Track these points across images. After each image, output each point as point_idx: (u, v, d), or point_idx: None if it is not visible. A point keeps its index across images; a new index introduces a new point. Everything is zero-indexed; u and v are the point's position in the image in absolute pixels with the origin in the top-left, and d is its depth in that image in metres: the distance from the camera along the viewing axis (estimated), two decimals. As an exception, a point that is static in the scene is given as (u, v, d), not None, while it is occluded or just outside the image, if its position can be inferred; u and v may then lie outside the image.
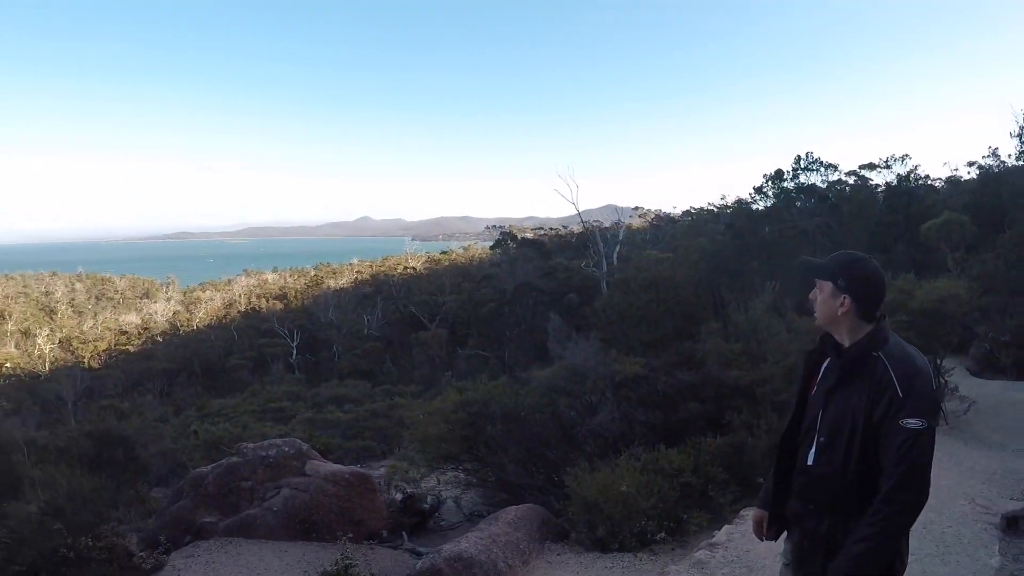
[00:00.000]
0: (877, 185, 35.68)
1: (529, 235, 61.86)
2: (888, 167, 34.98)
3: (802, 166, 34.09)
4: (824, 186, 34.15)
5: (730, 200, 45.23)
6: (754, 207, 35.71)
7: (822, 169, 34.22)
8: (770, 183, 34.70)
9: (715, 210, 47.05)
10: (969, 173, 38.32)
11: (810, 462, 3.16)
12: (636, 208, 63.80)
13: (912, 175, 34.34)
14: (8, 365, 53.51)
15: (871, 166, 36.05)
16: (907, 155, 34.19)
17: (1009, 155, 33.08)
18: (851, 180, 36.23)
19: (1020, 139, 30.24)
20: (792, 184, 34.09)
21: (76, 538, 10.50)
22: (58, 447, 17.21)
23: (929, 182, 37.31)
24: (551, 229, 68.01)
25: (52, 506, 11.64)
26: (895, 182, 33.92)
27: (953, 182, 39.60)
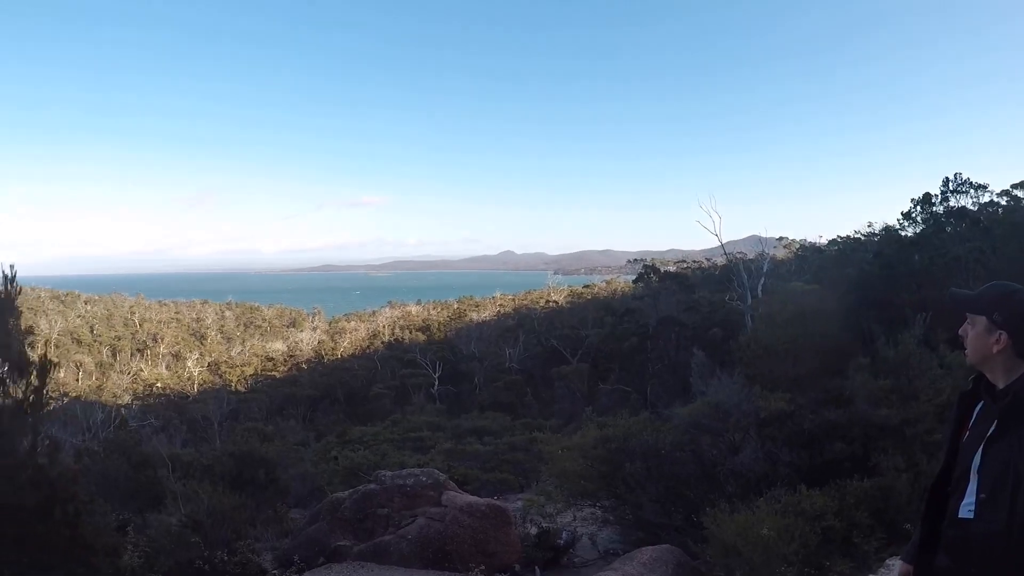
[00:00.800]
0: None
1: (671, 268, 60.96)
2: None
3: (951, 188, 32.52)
4: (975, 209, 32.49)
5: (877, 227, 43.52)
6: (902, 234, 34.26)
7: (972, 191, 32.58)
8: (918, 207, 33.24)
9: (862, 238, 45.31)
10: None
11: (963, 515, 2.77)
12: (780, 238, 62.14)
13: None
14: (159, 385, 55.81)
15: None
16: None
17: None
18: (1003, 201, 34.27)
19: None
20: (941, 208, 32.58)
21: (212, 551, 10.66)
22: (202, 464, 17.64)
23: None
24: (694, 262, 66.89)
25: (192, 520, 11.88)
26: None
27: None
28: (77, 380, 58.65)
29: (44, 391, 10.56)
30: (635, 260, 69.63)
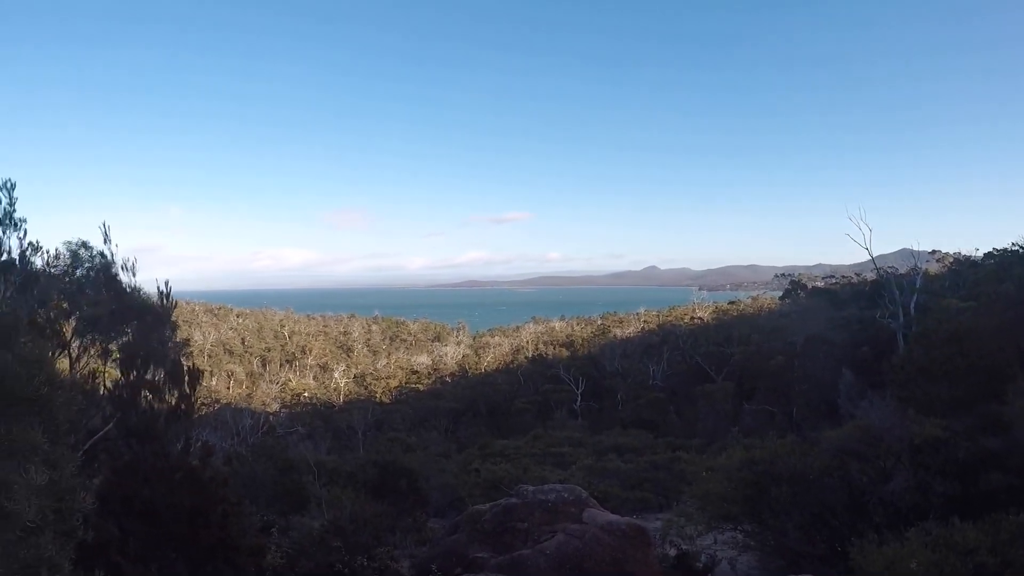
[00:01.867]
0: None
1: (819, 284, 59.53)
2: None
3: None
4: None
5: (1039, 238, 41.19)
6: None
7: None
8: (1087, 217, 31.29)
9: (1021, 250, 43.16)
10: None
11: None
12: (933, 252, 59.72)
13: None
14: (306, 394, 57.42)
15: None
16: None
17: None
18: None
19: None
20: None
21: (352, 556, 10.84)
22: (346, 472, 18.01)
23: None
24: (842, 277, 64.73)
25: (335, 524, 12.12)
26: None
27: None
28: (228, 388, 60.92)
29: (195, 398, 10.96)
30: (782, 275, 68.23)
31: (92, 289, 11.74)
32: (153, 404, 10.27)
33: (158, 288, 11.20)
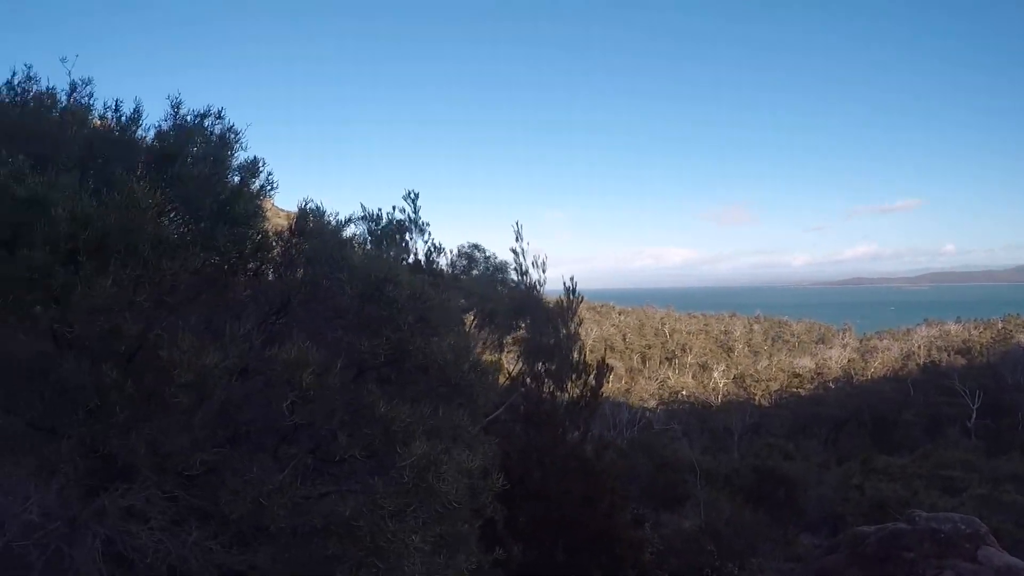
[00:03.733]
0: None
1: None
2: None
3: None
4: None
5: None
6: None
7: None
8: None
9: None
10: None
11: None
12: None
13: None
14: (684, 393, 57.73)
15: None
16: None
17: None
18: None
19: None
20: None
21: (723, 562, 10.89)
22: (723, 474, 18.03)
23: None
24: None
25: (710, 527, 12.21)
26: None
27: None
28: (608, 382, 62.35)
29: (599, 392, 11.55)
30: None
31: (487, 287, 12.71)
32: (555, 394, 10.94)
33: (564, 284, 11.98)
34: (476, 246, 13.12)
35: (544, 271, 12.31)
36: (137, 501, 4.62)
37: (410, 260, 11.61)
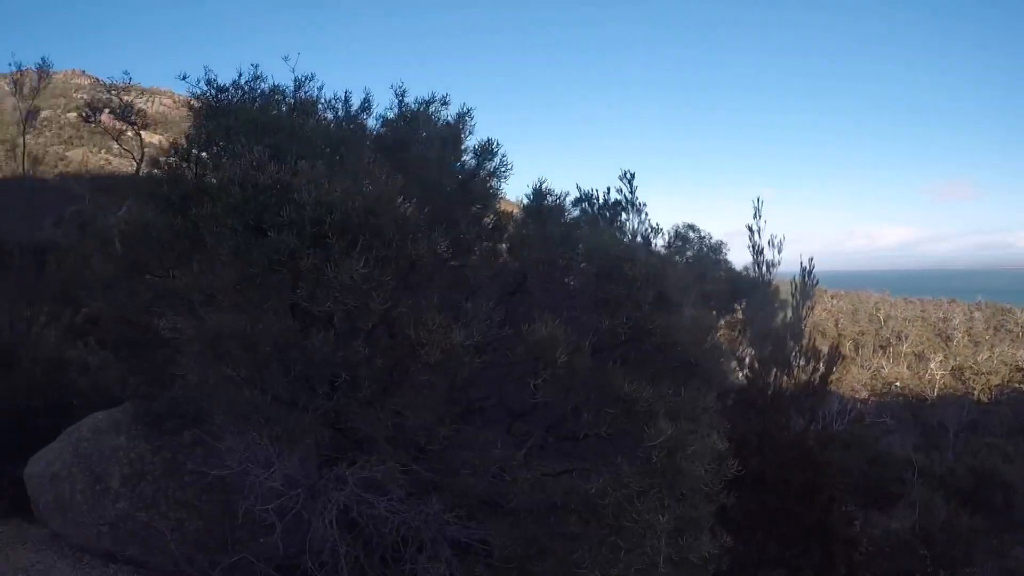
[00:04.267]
0: None
1: None
2: None
3: None
4: None
5: None
6: None
7: None
8: None
9: None
10: None
11: None
12: None
13: None
14: (898, 384, 55.46)
15: None
16: None
17: None
18: None
19: None
20: None
21: (936, 569, 10.50)
22: (937, 474, 17.35)
23: None
24: None
25: (925, 531, 11.78)
26: None
27: None
28: (843, 370, 60.36)
29: (829, 379, 11.33)
30: None
31: (704, 267, 12.66)
32: (781, 379, 10.80)
33: (801, 266, 11.79)
34: (691, 226, 13.13)
35: (780, 251, 12.15)
36: (377, 472, 4.89)
37: (627, 241, 11.66)
